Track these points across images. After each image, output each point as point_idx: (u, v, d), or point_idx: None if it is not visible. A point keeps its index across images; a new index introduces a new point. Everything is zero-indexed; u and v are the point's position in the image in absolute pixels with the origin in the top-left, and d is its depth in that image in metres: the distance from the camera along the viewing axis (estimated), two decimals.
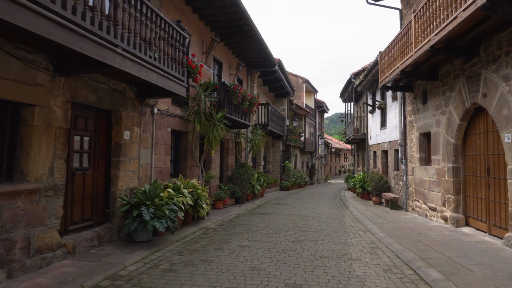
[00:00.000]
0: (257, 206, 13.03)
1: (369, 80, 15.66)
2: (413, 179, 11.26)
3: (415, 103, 11.00)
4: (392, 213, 11.22)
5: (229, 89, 10.48)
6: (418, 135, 10.74)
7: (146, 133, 7.56)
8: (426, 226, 8.61)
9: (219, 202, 11.48)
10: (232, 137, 13.78)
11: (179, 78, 6.80)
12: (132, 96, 6.98)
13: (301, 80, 29.06)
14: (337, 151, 52.20)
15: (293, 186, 23.19)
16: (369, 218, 10.02)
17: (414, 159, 11.14)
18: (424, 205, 10.23)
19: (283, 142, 22.82)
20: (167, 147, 8.57)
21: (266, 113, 16.80)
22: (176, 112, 9.06)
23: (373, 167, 17.36)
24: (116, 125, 6.65)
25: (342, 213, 11.59)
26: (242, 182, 13.03)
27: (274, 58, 15.02)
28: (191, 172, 9.96)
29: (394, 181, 13.52)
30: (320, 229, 8.27)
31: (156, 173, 7.99)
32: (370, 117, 17.96)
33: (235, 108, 11.53)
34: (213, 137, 9.49)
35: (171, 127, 8.82)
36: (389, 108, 14.15)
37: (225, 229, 8.05)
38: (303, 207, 12.90)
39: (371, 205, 13.78)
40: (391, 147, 13.91)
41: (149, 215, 6.00)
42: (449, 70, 8.56)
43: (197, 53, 10.51)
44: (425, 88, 10.20)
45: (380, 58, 11.67)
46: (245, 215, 10.42)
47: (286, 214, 10.75)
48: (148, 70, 5.62)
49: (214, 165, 11.90)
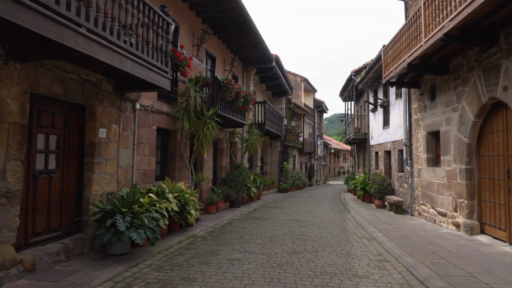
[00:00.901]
0: (252, 210, 12.26)
1: (371, 77, 14.92)
2: (419, 181, 10.51)
3: (422, 100, 10.25)
4: (397, 218, 10.46)
5: (221, 84, 9.72)
6: (425, 134, 9.98)
7: (127, 131, 6.78)
8: (437, 233, 7.84)
9: (211, 206, 10.71)
10: (226, 136, 13.01)
11: (161, 69, 6.02)
12: (109, 89, 6.20)
13: (300, 79, 28.30)
14: (336, 152, 51.48)
15: (292, 188, 22.43)
16: (373, 224, 9.26)
17: (420, 160, 10.39)
18: (432, 209, 9.48)
19: (281, 143, 22.05)
20: (152, 146, 7.79)
21: (263, 111, 16.04)
22: (163, 108, 8.28)
23: (375, 169, 16.61)
24: (90, 122, 5.87)
25: (343, 218, 10.83)
26: (237, 184, 12.26)
27: (271, 54, 14.27)
28: (180, 174, 9.18)
29: (398, 183, 12.77)
30: (320, 237, 7.51)
31: (139, 176, 7.21)
32: (371, 116, 17.21)
33: (228, 105, 10.76)
34: (203, 136, 8.72)
35: (157, 125, 8.04)
36: (392, 106, 13.40)
37: (215, 238, 7.27)
38: (302, 211, 12.13)
39: (373, 209, 13.02)
40: (395, 147, 13.16)
41: (125, 225, 5.22)
42: (462, 62, 7.81)
43: (188, 45, 9.75)
44: (433, 83, 9.46)
45: (384, 52, 10.92)
46: (239, 221, 9.64)
47: (283, 220, 9.98)
48: (122, 57, 4.84)
49: (207, 166, 11.12)
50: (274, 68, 15.87)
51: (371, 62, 13.76)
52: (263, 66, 15.30)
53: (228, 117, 10.54)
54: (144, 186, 7.34)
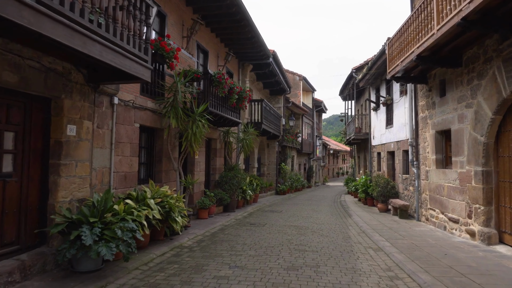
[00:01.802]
0: (248, 214, 11.47)
1: (373, 73, 14.16)
2: (427, 184, 9.75)
3: (430, 97, 9.49)
4: (403, 224, 9.70)
5: (213, 79, 8.93)
6: (433, 134, 9.23)
7: (103, 129, 5.99)
8: (450, 243, 7.08)
9: (203, 211, 9.92)
10: (220, 136, 12.23)
11: (140, 57, 5.24)
12: (81, 80, 5.41)
13: (298, 78, 27.55)
14: (335, 153, 50.73)
15: (290, 190, 21.66)
16: (378, 231, 8.49)
17: (428, 161, 9.63)
18: (442, 215, 8.72)
19: (279, 143, 21.28)
20: (134, 146, 7.00)
21: (260, 110, 15.26)
22: (147, 104, 7.50)
23: (377, 170, 15.85)
24: (56, 117, 5.08)
25: (345, 223, 10.06)
26: (231, 187, 11.47)
27: (268, 49, 13.49)
28: (167, 177, 8.39)
29: (403, 186, 12.01)
30: (321, 248, 6.73)
31: (118, 179, 6.42)
32: (373, 115, 16.45)
33: (222, 102, 9.98)
34: (192, 134, 7.94)
35: (140, 123, 7.26)
36: (396, 104, 12.65)
37: (203, 249, 6.49)
38: (300, 216, 11.36)
39: (376, 213, 12.26)
40: (399, 147, 12.41)
41: (92, 238, 4.43)
42: (477, 53, 7.06)
43: (176, 36, 8.97)
44: (443, 78, 8.70)
45: (389, 45, 10.17)
46: (232, 227, 8.86)
47: (281, 226, 9.20)
48: (87, 39, 4.06)
49: (198, 168, 10.34)
50: (271, 65, 15.09)
51: (374, 58, 13.02)
52: (259, 62, 14.53)
53: (221, 115, 9.76)
54: (124, 191, 6.56)
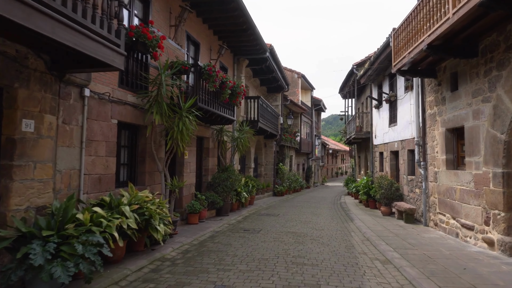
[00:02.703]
0: (242, 218, 10.69)
1: (375, 69, 13.39)
2: (435, 186, 8.99)
3: (440, 91, 8.73)
4: (410, 230, 8.93)
5: (203, 71, 8.14)
6: (443, 132, 8.47)
7: (70, 125, 5.19)
8: (466, 254, 6.31)
9: (193, 216, 9.13)
10: (213, 135, 11.44)
11: (109, 40, 4.45)
12: (41, 67, 4.62)
13: (297, 75, 26.80)
14: (334, 153, 50.01)
15: (288, 191, 20.90)
16: (384, 238, 7.72)
17: (437, 162, 8.87)
18: (453, 220, 7.96)
19: (277, 142, 20.50)
20: (111, 145, 6.21)
21: (256, 108, 14.47)
22: (127, 98, 6.70)
23: (379, 171, 15.08)
24: (8, 110, 4.29)
25: (347, 229, 9.28)
26: (224, 189, 10.69)
27: (264, 43, 12.71)
28: (151, 179, 7.60)
29: (408, 188, 11.24)
30: (322, 260, 5.95)
31: (90, 182, 5.63)
32: (375, 113, 15.68)
33: (213, 97, 9.19)
34: (179, 132, 7.15)
35: (119, 119, 6.46)
36: (400, 100, 11.88)
37: (188, 262, 5.70)
38: (299, 220, 10.58)
39: (379, 216, 11.50)
40: (404, 147, 11.64)
41: (44, 256, 3.64)
42: (497, 40, 6.29)
43: (163, 25, 8.17)
44: (455, 70, 7.94)
45: (394, 36, 9.40)
46: (223, 234, 8.07)
47: (277, 232, 8.42)
48: (32, 11, 3.27)
49: (188, 169, 9.54)
50: (268, 60, 14.30)
51: (377, 51, 12.25)
52: (255, 57, 13.74)
53: (212, 111, 8.97)
54: (99, 195, 5.77)
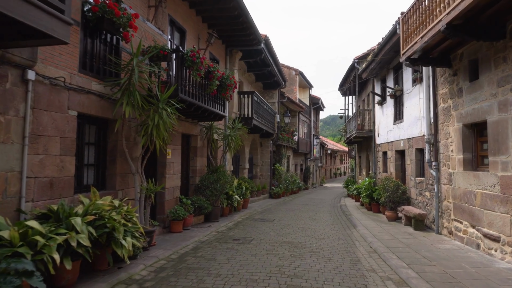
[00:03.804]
0: (234, 225, 9.63)
1: (379, 61, 12.36)
2: (450, 189, 7.97)
3: (455, 82, 7.71)
4: (421, 238, 7.90)
5: (185, 57, 7.07)
6: (460, 127, 7.45)
7: (7, 115, 4.12)
8: (495, 272, 5.28)
9: (176, 223, 8.07)
10: (202, 132, 10.38)
11: (47, 2, 3.39)
12: None
13: (294, 72, 25.75)
14: (333, 153, 49.02)
15: (285, 193, 19.85)
16: (394, 250, 6.69)
17: (452, 162, 7.85)
18: (473, 229, 6.94)
19: (273, 142, 19.45)
20: (69, 142, 5.14)
21: (250, 104, 13.42)
22: (91, 86, 5.63)
23: (382, 172, 14.06)
24: None
25: (350, 237, 8.25)
26: (213, 192, 9.62)
27: (259, 32, 11.66)
28: (124, 182, 6.53)
29: (416, 190, 10.21)
30: (323, 282, 4.90)
31: (37, 188, 4.55)
32: (378, 110, 14.66)
33: (200, 89, 8.14)
34: (154, 127, 6.09)
35: (80, 110, 5.39)
36: (407, 95, 10.85)
37: (159, 285, 4.64)
38: (296, 226, 9.53)
39: (384, 222, 10.47)
40: (411, 145, 10.61)
41: None
42: None
43: (139, 4, 7.10)
44: (474, 57, 6.93)
45: (403, 20, 8.37)
46: (209, 245, 7.01)
47: (271, 242, 7.36)
48: None
49: (172, 170, 8.48)
50: (263, 52, 13.25)
51: (381, 41, 11.21)
52: (249, 48, 12.68)
53: (198, 105, 7.91)
54: (51, 203, 4.69)
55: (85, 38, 5.59)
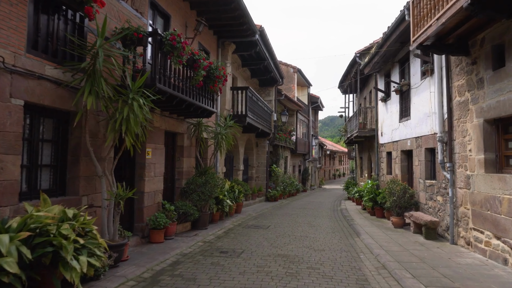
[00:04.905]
0: (224, 233, 8.65)
1: (383, 54, 11.41)
2: (468, 194, 7.02)
3: (475, 72, 6.76)
4: (435, 250, 6.94)
5: (164, 41, 6.09)
6: (481, 123, 6.50)
7: None
8: None
9: (156, 233, 7.09)
10: (189, 130, 9.41)
11: None
12: None
13: (293, 70, 24.79)
14: (332, 154, 48.09)
15: (282, 196, 18.89)
16: (406, 265, 5.72)
17: (471, 163, 6.90)
18: (498, 241, 5.98)
19: (270, 142, 18.47)
20: (11, 138, 4.15)
21: (244, 100, 12.44)
22: (45, 70, 4.65)
23: (387, 173, 13.10)
24: None
25: (353, 248, 7.28)
26: (201, 196, 8.65)
27: (253, 22, 10.71)
28: (90, 187, 5.54)
29: (426, 195, 9.25)
30: None
31: None
32: (381, 107, 13.71)
33: (185, 81, 7.16)
34: (124, 120, 5.11)
35: (29, 99, 4.41)
36: (415, 89, 9.90)
37: None
38: (293, 235, 8.56)
39: (390, 229, 9.51)
40: (419, 145, 9.66)
41: None
42: None
43: None
44: (499, 41, 5.98)
45: (414, 3, 7.40)
46: (191, 260, 6.02)
47: (264, 256, 6.38)
48: None
49: (152, 172, 7.50)
50: (258, 44, 12.30)
51: (387, 31, 10.25)
52: (243, 40, 11.73)
53: (181, 98, 6.93)
54: None
55: (37, 12, 4.61)
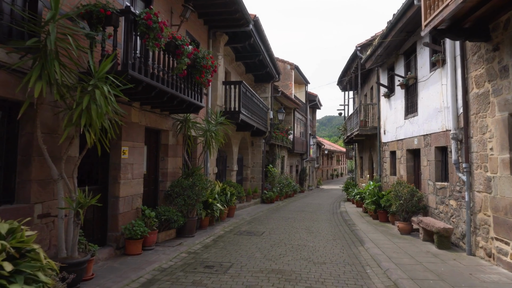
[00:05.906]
0: (212, 241, 7.76)
1: (387, 46, 10.54)
2: (488, 199, 6.16)
3: (497, 59, 5.90)
4: (452, 263, 6.08)
5: (138, 21, 5.19)
6: (505, 118, 5.65)
7: None
8: None
9: (133, 244, 6.19)
10: (175, 127, 8.51)
11: None
12: None
13: (290, 66, 23.93)
14: (330, 153, 47.29)
15: (279, 197, 18.02)
16: (422, 285, 4.87)
17: (492, 163, 6.04)
18: None
19: (266, 141, 17.58)
20: None
21: (238, 95, 11.56)
22: None
23: (390, 174, 12.24)
24: None
25: (358, 261, 6.41)
26: (187, 201, 7.75)
27: (246, 11, 9.81)
28: (45, 192, 4.64)
29: (437, 198, 8.39)
30: None
31: None
32: (384, 103, 12.85)
33: (164, 69, 6.26)
34: (83, 112, 4.21)
35: None
36: (423, 82, 9.04)
37: None
38: (289, 243, 7.69)
39: (396, 235, 8.66)
40: (428, 143, 8.81)
41: None
42: None
43: None
44: None
45: None
46: (169, 278, 5.13)
47: (254, 271, 5.50)
48: None
49: (130, 173, 6.59)
50: (252, 35, 11.40)
51: (392, 20, 9.38)
52: (236, 30, 10.83)
53: (161, 89, 6.02)
54: None
55: None
